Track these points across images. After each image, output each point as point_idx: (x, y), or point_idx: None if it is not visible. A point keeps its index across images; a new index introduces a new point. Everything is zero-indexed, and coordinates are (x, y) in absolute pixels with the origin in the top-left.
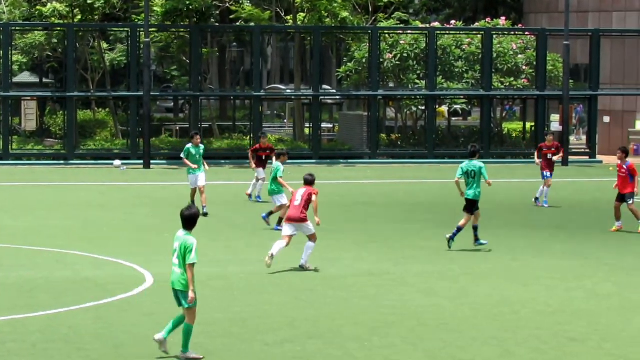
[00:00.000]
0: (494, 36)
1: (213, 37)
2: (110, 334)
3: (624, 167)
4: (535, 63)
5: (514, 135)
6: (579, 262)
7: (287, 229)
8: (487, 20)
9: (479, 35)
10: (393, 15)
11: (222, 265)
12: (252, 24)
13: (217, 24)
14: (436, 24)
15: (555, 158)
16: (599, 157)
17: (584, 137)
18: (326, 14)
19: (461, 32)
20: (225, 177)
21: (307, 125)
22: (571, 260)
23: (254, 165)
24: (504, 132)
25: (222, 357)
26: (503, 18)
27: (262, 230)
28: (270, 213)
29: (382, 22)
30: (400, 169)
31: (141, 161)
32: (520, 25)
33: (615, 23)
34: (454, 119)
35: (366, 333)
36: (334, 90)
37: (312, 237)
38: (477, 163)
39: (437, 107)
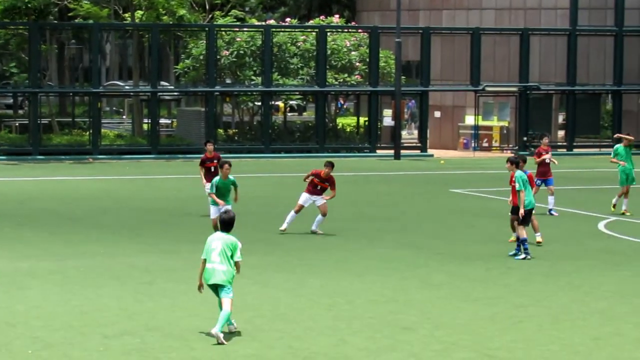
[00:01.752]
0: (328, 34)
1: (52, 34)
2: None
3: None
4: (368, 60)
5: (348, 130)
6: (411, 252)
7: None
8: (321, 18)
9: (313, 33)
10: (230, 13)
11: (61, 259)
12: (91, 21)
13: (55, 22)
14: (272, 22)
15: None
16: (430, 151)
17: (415, 132)
18: (164, 12)
19: (296, 30)
20: (65, 173)
21: (145, 121)
22: (404, 250)
23: (204, 182)
24: (339, 127)
25: (63, 350)
26: (337, 16)
27: (102, 224)
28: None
29: (219, 19)
30: (237, 164)
31: None
32: (353, 23)
33: (445, 21)
34: (289, 114)
35: (204, 325)
36: (172, 87)
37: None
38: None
39: (281, 102)
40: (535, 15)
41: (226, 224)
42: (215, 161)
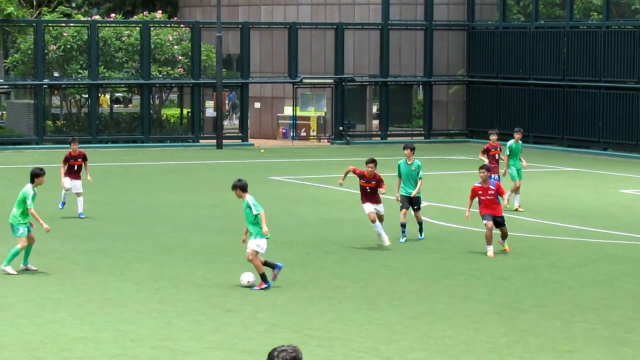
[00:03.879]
0: (152, 28)
1: None
2: None
3: (492, 187)
4: (190, 53)
5: (172, 120)
6: (233, 238)
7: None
8: (145, 13)
9: (137, 28)
10: (56, 9)
11: None
12: None
13: None
14: (97, 17)
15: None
16: (250, 140)
17: (237, 122)
18: None
19: (121, 25)
20: None
21: None
22: (226, 236)
23: (63, 181)
24: (163, 118)
25: None
26: (159, 11)
27: None
28: None
29: (46, 15)
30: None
31: None
32: (175, 18)
33: (264, 16)
34: (115, 106)
35: (36, 309)
36: (2, 80)
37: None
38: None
39: (102, 95)
40: (350, 10)
41: (32, 175)
42: (80, 159)
